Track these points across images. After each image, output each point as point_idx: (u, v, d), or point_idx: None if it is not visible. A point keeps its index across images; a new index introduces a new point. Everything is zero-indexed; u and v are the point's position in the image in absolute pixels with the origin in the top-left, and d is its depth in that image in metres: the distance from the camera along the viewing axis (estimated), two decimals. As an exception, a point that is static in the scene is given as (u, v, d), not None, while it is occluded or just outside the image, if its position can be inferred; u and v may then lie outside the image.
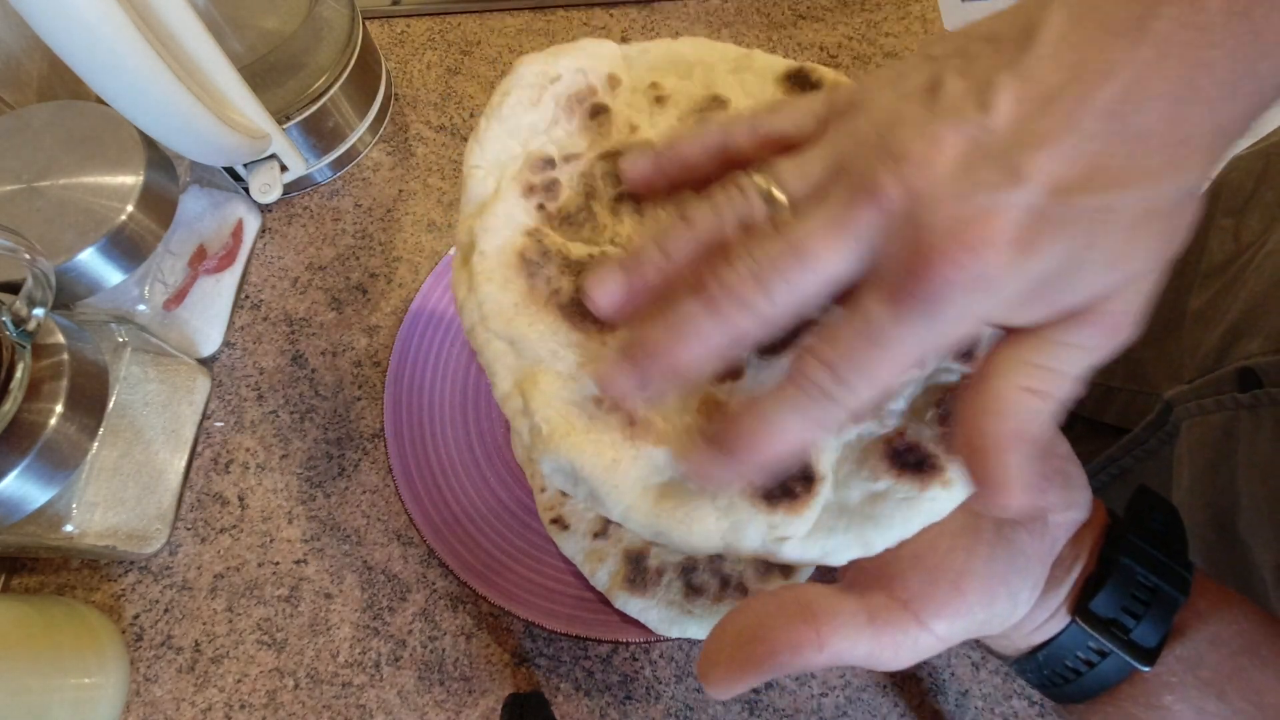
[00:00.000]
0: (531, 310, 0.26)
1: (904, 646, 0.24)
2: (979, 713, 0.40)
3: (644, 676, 0.41)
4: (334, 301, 0.51)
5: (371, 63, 0.55)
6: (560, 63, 0.29)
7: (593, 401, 0.25)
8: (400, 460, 0.43)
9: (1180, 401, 0.42)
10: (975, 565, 0.25)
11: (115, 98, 0.37)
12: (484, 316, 0.26)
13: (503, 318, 0.26)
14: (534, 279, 0.26)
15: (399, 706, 0.41)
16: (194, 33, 0.40)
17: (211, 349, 0.49)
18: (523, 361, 0.25)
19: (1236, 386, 0.38)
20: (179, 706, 0.41)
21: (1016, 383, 0.20)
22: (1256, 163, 0.45)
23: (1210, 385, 0.40)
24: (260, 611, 0.43)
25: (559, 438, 0.24)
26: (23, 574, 0.44)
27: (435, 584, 0.43)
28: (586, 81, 0.29)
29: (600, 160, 0.28)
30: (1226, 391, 0.38)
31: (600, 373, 0.24)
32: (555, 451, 0.24)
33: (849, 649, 0.23)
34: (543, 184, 0.28)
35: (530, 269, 0.26)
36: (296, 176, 0.52)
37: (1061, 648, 0.27)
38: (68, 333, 0.37)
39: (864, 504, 0.25)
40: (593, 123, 0.29)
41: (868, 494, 0.25)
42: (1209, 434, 0.40)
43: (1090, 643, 0.27)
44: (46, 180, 0.41)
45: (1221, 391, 0.39)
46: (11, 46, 0.50)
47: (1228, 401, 0.38)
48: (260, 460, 0.46)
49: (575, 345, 0.25)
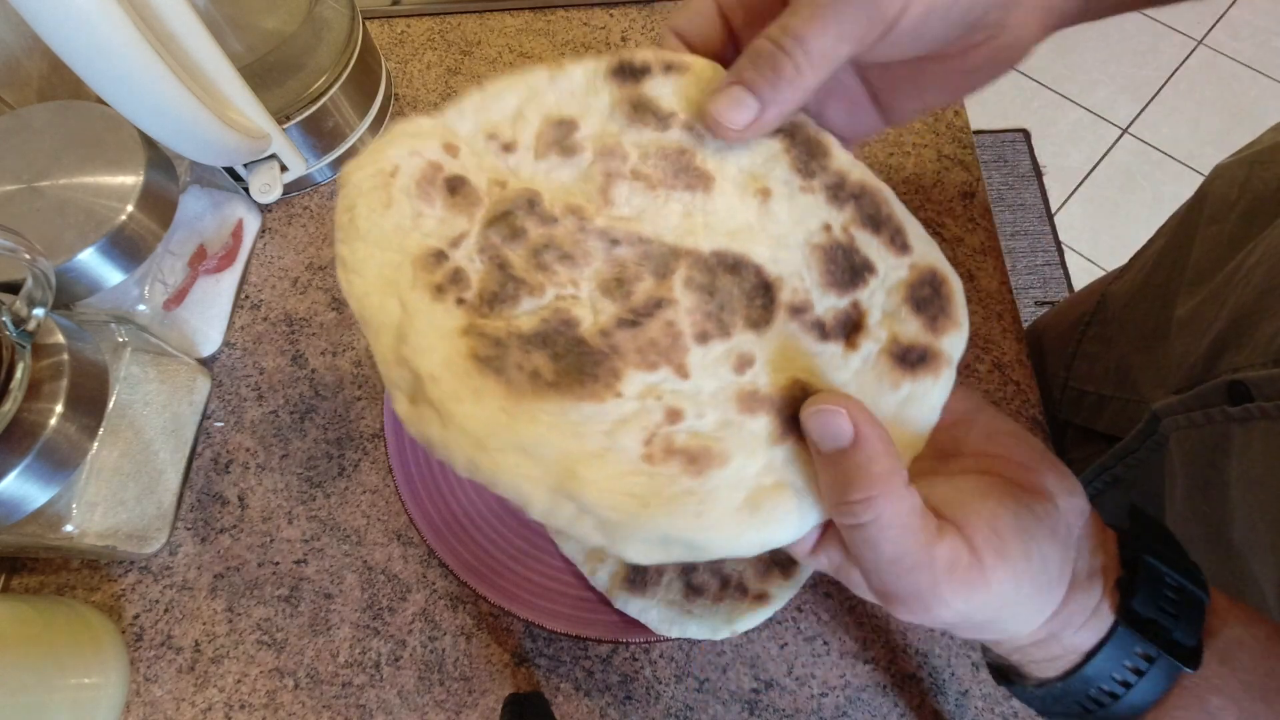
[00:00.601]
0: (524, 406, 0.23)
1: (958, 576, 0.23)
2: (979, 713, 0.40)
3: (644, 676, 0.41)
4: (334, 301, 0.51)
5: (371, 63, 0.55)
6: (387, 156, 0.26)
7: (643, 460, 0.23)
8: (400, 460, 0.43)
9: (1168, 413, 0.42)
10: (1004, 512, 0.25)
11: (115, 98, 0.37)
12: (479, 440, 0.23)
13: (500, 430, 0.23)
14: (503, 374, 0.23)
15: (399, 706, 0.41)
16: (194, 33, 0.40)
17: (211, 349, 0.49)
18: (546, 464, 0.23)
19: (1226, 399, 0.38)
20: (179, 706, 0.41)
21: None
22: (1239, 171, 0.45)
23: (1198, 398, 0.40)
24: (260, 611, 0.43)
25: (641, 516, 0.22)
26: (23, 574, 0.44)
27: (435, 584, 0.43)
28: (425, 160, 0.26)
29: (490, 227, 0.26)
30: (1216, 404, 0.38)
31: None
32: (643, 529, 0.22)
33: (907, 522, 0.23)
34: (447, 277, 0.25)
35: (494, 366, 0.23)
36: (296, 176, 0.52)
37: (1108, 659, 0.26)
38: (68, 333, 0.37)
39: (899, 411, 0.25)
40: (457, 197, 0.26)
41: (897, 403, 0.25)
42: (1200, 447, 0.40)
43: (1136, 648, 0.26)
44: (46, 180, 0.41)
45: (1211, 404, 0.39)
46: (11, 46, 0.50)
47: (1217, 415, 0.38)
48: (260, 460, 0.46)
49: (590, 415, 0.23)
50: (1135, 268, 0.53)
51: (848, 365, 0.26)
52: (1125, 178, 1.62)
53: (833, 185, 0.28)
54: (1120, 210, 1.58)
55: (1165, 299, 0.47)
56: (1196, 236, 0.46)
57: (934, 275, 0.26)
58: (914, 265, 0.27)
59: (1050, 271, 1.53)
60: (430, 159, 0.27)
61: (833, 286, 0.26)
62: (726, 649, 0.41)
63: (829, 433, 0.23)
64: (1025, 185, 1.61)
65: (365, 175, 0.26)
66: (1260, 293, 0.38)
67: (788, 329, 0.26)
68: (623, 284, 0.26)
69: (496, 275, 0.25)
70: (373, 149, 0.27)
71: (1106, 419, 0.51)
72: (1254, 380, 0.36)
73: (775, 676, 0.41)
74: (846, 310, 0.26)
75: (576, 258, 0.26)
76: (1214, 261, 0.44)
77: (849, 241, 0.27)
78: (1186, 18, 1.77)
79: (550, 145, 0.28)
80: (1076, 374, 0.55)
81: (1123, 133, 1.66)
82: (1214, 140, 1.63)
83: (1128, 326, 0.51)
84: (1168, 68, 1.72)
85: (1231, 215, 0.44)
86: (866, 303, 0.26)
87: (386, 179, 0.26)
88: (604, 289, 0.26)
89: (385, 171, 0.26)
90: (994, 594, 0.24)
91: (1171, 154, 1.63)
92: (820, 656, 0.41)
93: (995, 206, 1.56)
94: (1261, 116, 1.64)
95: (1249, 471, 0.36)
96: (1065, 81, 1.72)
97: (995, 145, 1.66)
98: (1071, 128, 1.68)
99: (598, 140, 0.28)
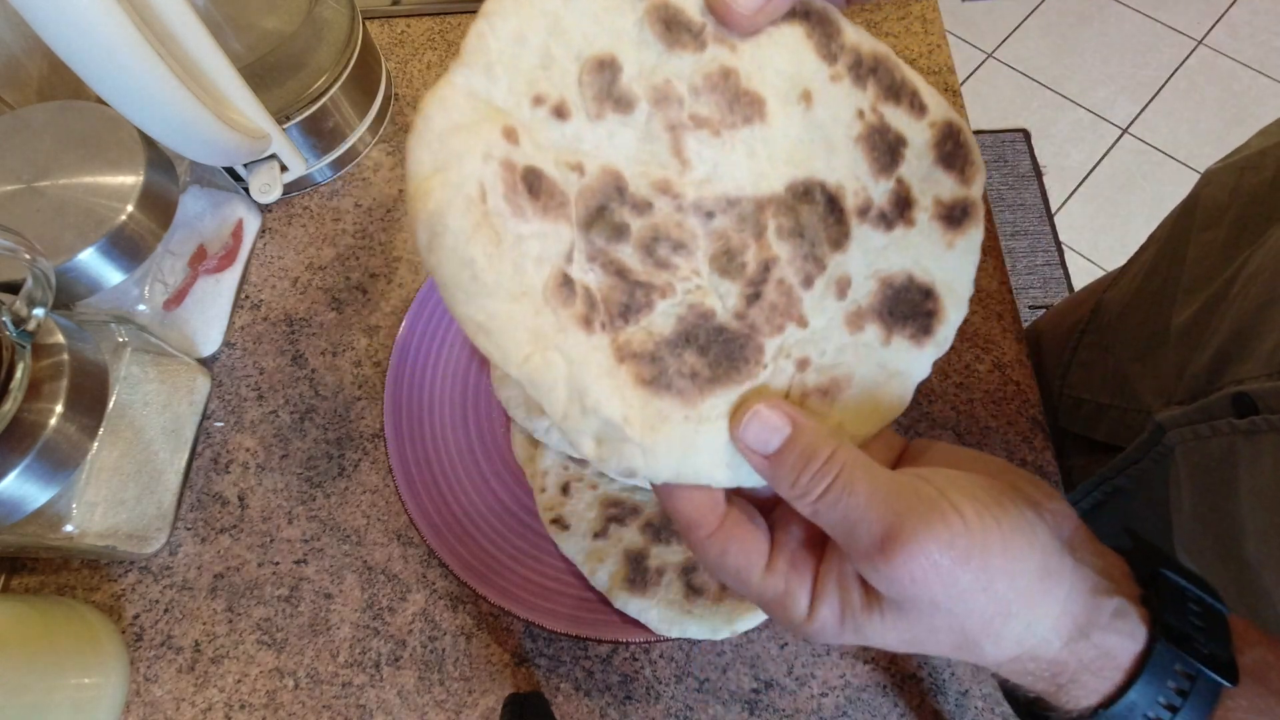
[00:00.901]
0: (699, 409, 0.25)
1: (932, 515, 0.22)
2: (979, 713, 0.40)
3: (644, 676, 0.41)
4: (334, 301, 0.51)
5: (371, 63, 0.55)
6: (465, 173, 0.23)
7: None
8: (400, 460, 0.43)
9: (1174, 425, 0.42)
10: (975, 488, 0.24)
11: (115, 98, 0.37)
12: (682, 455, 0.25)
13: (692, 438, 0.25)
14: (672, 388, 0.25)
15: (399, 706, 0.41)
16: (194, 33, 0.40)
17: (211, 349, 0.49)
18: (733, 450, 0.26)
19: (1232, 412, 0.37)
20: (179, 706, 0.41)
21: None
22: (1230, 177, 0.45)
23: (1204, 410, 0.39)
24: (260, 611, 0.43)
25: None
26: (23, 574, 0.44)
27: (435, 584, 0.43)
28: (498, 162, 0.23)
29: (591, 230, 0.25)
30: (1222, 417, 0.38)
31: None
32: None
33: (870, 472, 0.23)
34: (586, 305, 0.24)
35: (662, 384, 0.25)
36: (296, 176, 0.52)
37: (1150, 681, 0.24)
38: (68, 333, 0.37)
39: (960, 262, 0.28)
40: (542, 199, 0.24)
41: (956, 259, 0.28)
42: (1207, 460, 0.40)
43: (1177, 665, 0.24)
44: (46, 180, 0.41)
45: (1216, 417, 0.38)
46: (11, 46, 0.50)
47: (1224, 427, 0.38)
48: (260, 460, 0.46)
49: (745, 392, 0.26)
50: (1129, 275, 0.53)
51: (909, 242, 0.28)
52: (1125, 178, 1.62)
53: (853, 65, 0.28)
54: (1120, 210, 1.58)
55: (1161, 306, 0.47)
56: (1190, 243, 0.46)
57: (951, 128, 0.28)
58: (932, 123, 0.28)
59: (1050, 271, 1.53)
60: (502, 158, 0.23)
61: (881, 173, 0.28)
62: (726, 649, 0.41)
63: (764, 437, 0.24)
64: (1025, 185, 1.61)
65: (456, 211, 0.22)
66: (1260, 304, 0.38)
67: (861, 233, 0.27)
68: (733, 257, 0.26)
69: (621, 285, 0.25)
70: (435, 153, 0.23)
71: (1105, 428, 0.51)
72: (1258, 393, 0.36)
73: (775, 676, 0.41)
74: (895, 190, 0.28)
75: (687, 244, 0.26)
76: (1209, 268, 0.44)
77: (880, 122, 0.28)
78: (1186, 18, 1.77)
79: (602, 100, 0.25)
80: (1073, 381, 0.55)
81: (1123, 133, 1.66)
82: (1214, 140, 1.63)
83: (1124, 334, 0.51)
84: (1168, 68, 1.72)
85: (1224, 221, 0.44)
86: (908, 176, 0.28)
87: (480, 208, 0.22)
88: (719, 269, 0.26)
89: (475, 198, 0.22)
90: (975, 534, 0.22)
91: (1171, 154, 1.63)
92: (820, 656, 0.41)
93: (995, 206, 1.57)
94: (1261, 117, 1.63)
95: (1259, 484, 0.36)
96: (1065, 81, 1.72)
97: (995, 145, 1.66)
98: (1071, 128, 1.68)
99: (646, 83, 0.26)
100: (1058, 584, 0.24)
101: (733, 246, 0.26)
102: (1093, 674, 0.25)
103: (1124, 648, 0.25)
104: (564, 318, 0.23)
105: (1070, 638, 0.25)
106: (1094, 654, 0.25)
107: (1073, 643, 0.25)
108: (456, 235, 0.22)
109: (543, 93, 0.24)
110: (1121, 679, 0.25)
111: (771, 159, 0.27)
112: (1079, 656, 0.25)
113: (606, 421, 0.24)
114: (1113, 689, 0.25)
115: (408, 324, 0.47)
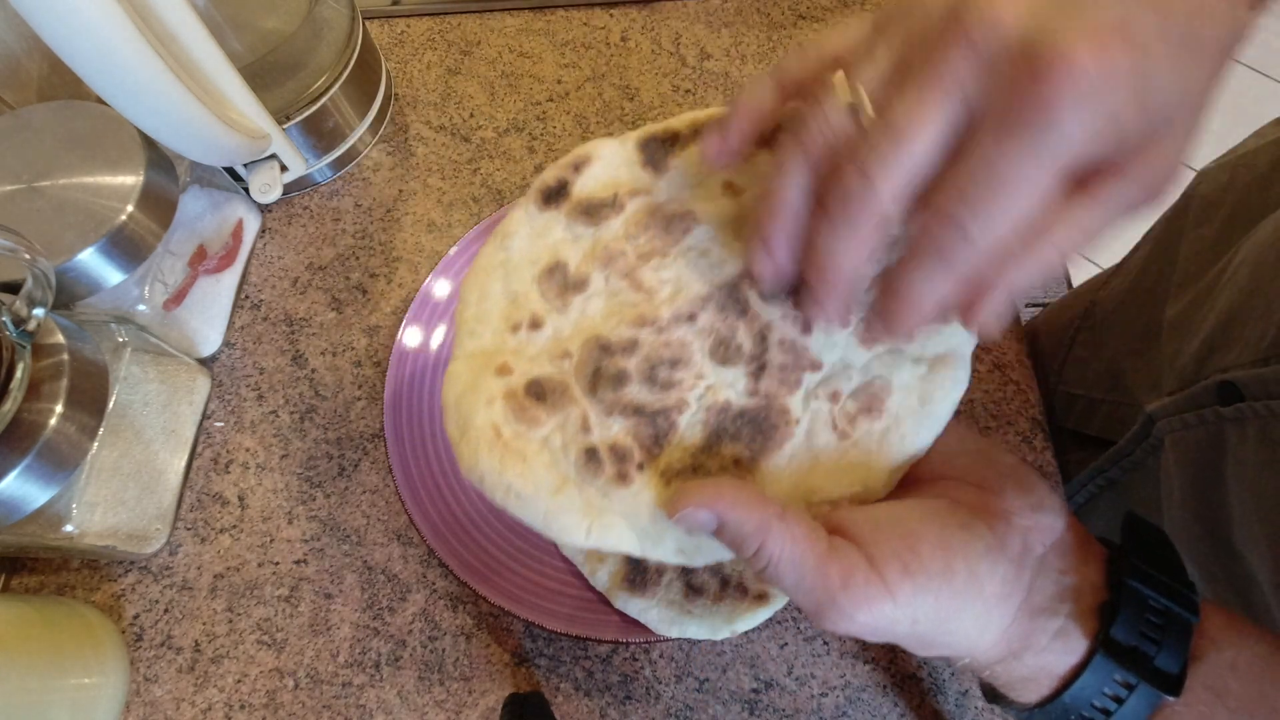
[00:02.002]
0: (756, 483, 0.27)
1: (856, 590, 0.24)
2: (979, 713, 0.40)
3: (644, 676, 0.41)
4: (334, 301, 0.51)
5: (371, 63, 0.55)
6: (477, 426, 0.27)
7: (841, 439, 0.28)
8: (400, 460, 0.43)
9: (1162, 415, 0.42)
10: (929, 530, 0.25)
11: (115, 98, 0.37)
12: None
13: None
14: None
15: (399, 706, 0.41)
16: (194, 33, 0.40)
17: (211, 349, 0.49)
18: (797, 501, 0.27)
19: (1218, 400, 0.38)
20: (179, 706, 0.41)
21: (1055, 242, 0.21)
22: (1223, 175, 0.45)
23: (1191, 399, 0.40)
24: (260, 611, 0.43)
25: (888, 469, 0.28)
26: (23, 574, 0.44)
27: (435, 584, 0.43)
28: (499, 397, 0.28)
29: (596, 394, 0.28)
30: (1208, 405, 0.38)
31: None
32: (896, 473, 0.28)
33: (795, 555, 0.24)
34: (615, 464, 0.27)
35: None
36: (296, 176, 0.52)
37: (1086, 686, 0.26)
38: (68, 333, 0.37)
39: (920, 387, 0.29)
40: (549, 399, 0.28)
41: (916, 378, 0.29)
42: (1194, 448, 0.40)
43: (1116, 675, 0.26)
44: (46, 180, 0.41)
45: (1203, 405, 0.39)
46: (11, 46, 0.50)
47: (1209, 415, 0.38)
48: (260, 460, 0.46)
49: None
50: (1123, 272, 0.53)
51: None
52: (1125, 178, 1.61)
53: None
54: (1120, 210, 1.58)
55: (1154, 302, 0.47)
56: (1183, 239, 0.46)
57: None
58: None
59: (1050, 271, 1.53)
60: (503, 393, 0.27)
61: None
62: (726, 649, 0.41)
63: (697, 525, 0.25)
64: (1025, 185, 1.61)
65: (483, 457, 0.27)
66: (1246, 294, 0.38)
67: None
68: (728, 344, 0.28)
69: (643, 421, 0.27)
70: (455, 421, 0.28)
71: (1098, 423, 0.51)
72: (1243, 380, 0.36)
73: (775, 676, 0.41)
74: None
75: (681, 356, 0.28)
76: (1201, 264, 0.44)
77: None
78: (1186, 18, 1.77)
79: (562, 292, 0.29)
80: (1067, 378, 0.55)
81: (1122, 133, 1.66)
82: (1213, 140, 1.60)
83: (1117, 330, 0.51)
84: (1167, 68, 1.72)
85: (1217, 217, 0.44)
86: None
87: (499, 444, 0.27)
88: (720, 359, 0.28)
89: (493, 439, 0.27)
90: (903, 607, 0.24)
91: (1171, 154, 1.63)
92: (820, 656, 0.41)
93: (995, 206, 1.56)
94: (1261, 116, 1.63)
95: (1244, 471, 0.36)
96: (1065, 81, 1.72)
97: (995, 145, 1.65)
98: (1071, 128, 1.67)
99: (591, 259, 0.30)
100: (999, 617, 0.26)
101: (724, 335, 0.28)
102: (1027, 682, 0.27)
103: (1061, 662, 0.27)
104: (602, 484, 0.27)
105: (1001, 659, 0.27)
106: (1026, 671, 0.27)
107: (1004, 662, 0.27)
108: (491, 474, 0.27)
109: (517, 320, 0.29)
110: (1058, 685, 0.27)
111: (724, 246, 0.29)
112: (1010, 671, 0.27)
113: (676, 537, 0.27)
114: (1050, 693, 0.27)
115: (408, 324, 0.47)
